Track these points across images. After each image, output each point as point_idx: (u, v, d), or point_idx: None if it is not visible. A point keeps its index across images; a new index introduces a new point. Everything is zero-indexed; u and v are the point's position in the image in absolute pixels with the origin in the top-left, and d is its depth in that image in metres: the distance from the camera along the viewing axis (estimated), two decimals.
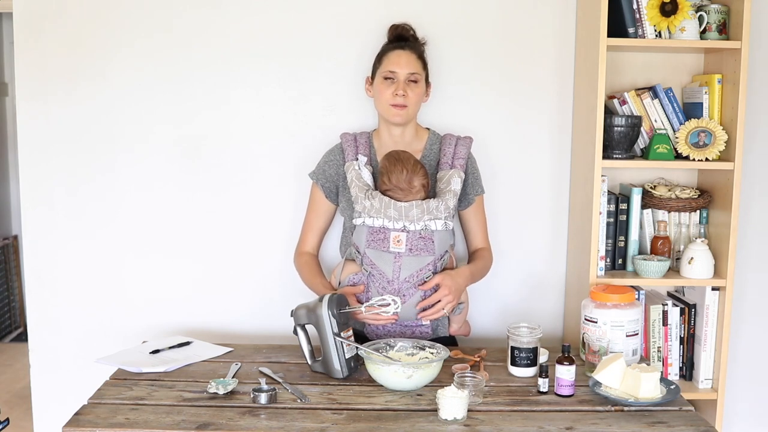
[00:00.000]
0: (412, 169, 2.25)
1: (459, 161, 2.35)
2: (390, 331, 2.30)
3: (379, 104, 2.38)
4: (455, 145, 2.38)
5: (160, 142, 2.65)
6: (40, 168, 2.66)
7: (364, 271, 2.29)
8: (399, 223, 2.24)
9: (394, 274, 2.26)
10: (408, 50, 2.36)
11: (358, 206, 2.28)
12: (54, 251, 2.70)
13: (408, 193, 2.25)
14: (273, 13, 2.60)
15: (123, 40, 2.61)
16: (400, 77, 2.33)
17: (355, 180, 2.30)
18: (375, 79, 2.39)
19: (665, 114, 2.52)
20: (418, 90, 2.36)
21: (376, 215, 2.25)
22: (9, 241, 5.44)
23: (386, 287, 2.26)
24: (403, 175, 2.24)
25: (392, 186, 2.26)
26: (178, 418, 1.82)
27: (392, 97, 2.32)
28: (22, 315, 5.41)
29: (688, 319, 2.55)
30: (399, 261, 2.26)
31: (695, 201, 2.55)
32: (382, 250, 2.26)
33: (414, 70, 2.34)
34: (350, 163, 2.34)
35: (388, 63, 2.35)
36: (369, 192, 2.27)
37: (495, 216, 2.65)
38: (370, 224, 2.26)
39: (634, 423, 1.83)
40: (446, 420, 1.82)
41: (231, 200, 2.69)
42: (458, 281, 2.28)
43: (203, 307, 2.72)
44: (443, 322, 2.37)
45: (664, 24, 2.39)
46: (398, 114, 2.33)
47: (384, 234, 2.25)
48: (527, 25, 2.62)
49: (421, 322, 2.30)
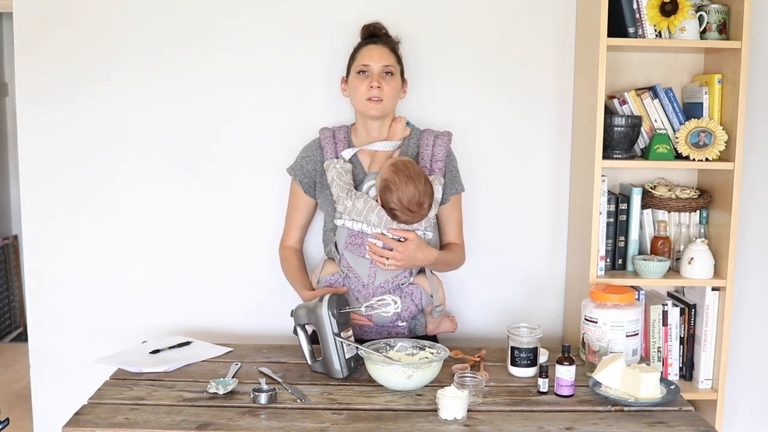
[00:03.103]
0: (423, 191, 2.20)
1: (437, 164, 2.33)
2: (366, 332, 2.31)
3: (354, 100, 2.35)
4: (433, 145, 2.34)
5: (159, 142, 2.65)
6: (40, 168, 2.66)
7: (341, 272, 2.29)
8: (378, 230, 2.23)
9: (369, 279, 2.27)
10: (381, 44, 2.35)
11: (340, 206, 2.27)
12: (54, 251, 2.70)
13: (416, 216, 2.21)
14: (273, 16, 2.60)
15: (123, 40, 2.61)
16: (374, 70, 2.30)
17: (336, 179, 2.28)
18: (349, 77, 2.37)
19: (665, 114, 2.52)
20: (393, 83, 2.32)
21: (357, 218, 2.24)
22: (9, 241, 5.45)
23: (361, 291, 2.27)
24: (415, 197, 2.18)
25: (402, 208, 2.19)
26: (178, 418, 1.82)
27: (368, 90, 2.29)
28: (22, 315, 5.41)
29: (688, 319, 2.55)
30: (374, 267, 2.26)
31: (695, 201, 2.55)
32: (359, 255, 2.26)
33: (388, 63, 2.31)
34: (330, 161, 2.32)
35: (362, 57, 2.33)
36: (351, 192, 2.26)
37: (495, 216, 2.66)
38: (349, 227, 2.26)
39: (634, 423, 1.83)
40: (446, 420, 1.82)
41: (231, 200, 2.69)
42: (417, 255, 2.23)
43: (203, 307, 2.72)
44: (420, 321, 2.37)
45: (664, 24, 2.39)
46: (374, 107, 2.30)
47: (362, 239, 2.25)
48: (527, 25, 2.62)
49: (396, 323, 2.30)
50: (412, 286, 2.31)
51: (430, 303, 2.33)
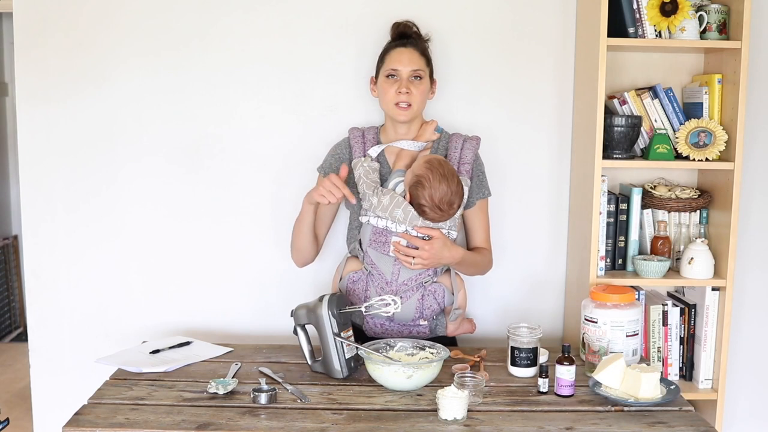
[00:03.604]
0: (455, 191, 2.20)
1: (465, 167, 2.33)
2: (388, 330, 2.30)
3: (384, 103, 2.35)
4: (461, 148, 2.35)
5: (160, 142, 2.65)
6: (40, 168, 2.66)
7: (364, 269, 2.29)
8: (401, 227, 2.23)
9: (392, 276, 2.26)
10: (410, 47, 2.34)
11: (365, 203, 2.27)
12: (54, 251, 2.70)
13: (444, 215, 2.22)
14: (273, 15, 2.60)
15: (123, 40, 2.61)
16: (402, 75, 2.30)
17: (363, 176, 2.28)
18: (378, 78, 2.37)
19: (665, 114, 2.52)
20: (423, 87, 2.33)
21: (382, 214, 2.23)
22: (9, 241, 5.45)
23: (384, 288, 2.27)
24: (447, 196, 2.18)
25: (432, 205, 2.19)
26: (178, 418, 1.82)
27: (396, 96, 2.29)
28: (22, 315, 5.41)
29: (688, 319, 2.55)
30: (398, 265, 2.26)
31: (695, 201, 2.55)
32: (383, 253, 2.26)
33: (417, 67, 2.31)
34: (358, 160, 2.33)
35: (391, 61, 2.33)
36: (377, 189, 2.26)
37: (495, 216, 2.65)
38: (374, 224, 2.26)
39: (634, 423, 1.83)
40: (446, 420, 1.82)
41: (231, 200, 2.68)
42: (443, 253, 2.22)
43: (203, 307, 2.72)
44: (441, 322, 2.37)
45: (664, 24, 2.39)
46: (403, 113, 2.30)
47: (386, 237, 2.25)
48: (527, 25, 2.62)
49: (418, 322, 2.30)
50: (435, 285, 2.30)
51: (452, 302, 2.34)
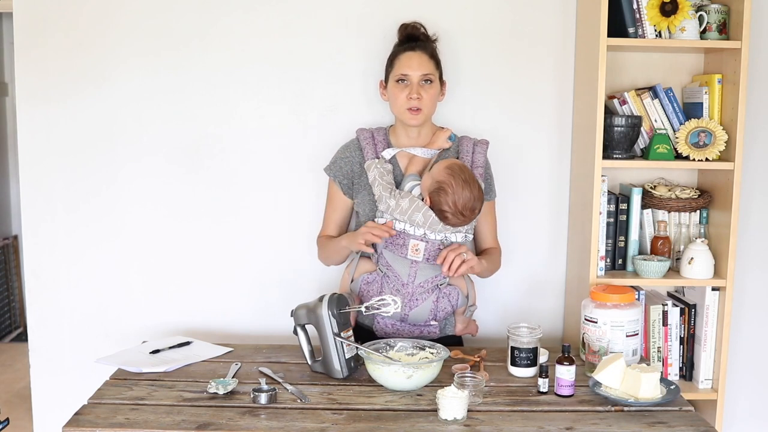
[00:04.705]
0: (477, 196, 2.20)
1: (478, 170, 2.34)
2: (399, 330, 2.30)
3: (394, 108, 2.34)
4: (473, 152, 2.36)
5: (160, 143, 2.65)
6: (40, 168, 2.66)
7: (379, 270, 2.29)
8: (420, 231, 2.22)
9: (409, 278, 2.26)
10: (419, 51, 2.33)
11: (382, 205, 2.26)
12: (54, 251, 2.70)
13: (466, 220, 2.22)
14: (273, 14, 2.60)
15: (123, 40, 2.60)
16: (413, 80, 2.29)
17: (379, 178, 2.27)
18: (388, 83, 2.36)
19: (665, 114, 2.52)
20: (433, 91, 2.32)
21: (400, 217, 2.23)
22: (9, 241, 5.45)
23: (400, 290, 2.26)
24: (470, 202, 2.18)
25: (455, 211, 2.19)
26: (178, 418, 1.82)
27: (407, 101, 2.28)
28: (22, 315, 5.41)
29: (688, 319, 2.55)
30: (415, 267, 2.26)
31: (695, 201, 2.55)
32: (399, 255, 2.26)
33: (427, 71, 2.30)
34: (371, 162, 2.32)
35: (400, 66, 2.31)
36: (394, 191, 2.25)
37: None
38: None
39: (634, 423, 1.83)
40: (446, 420, 1.82)
41: (231, 201, 2.68)
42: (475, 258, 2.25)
43: (203, 307, 2.72)
44: (450, 321, 2.37)
45: (664, 24, 2.39)
46: (414, 118, 2.30)
47: (403, 240, 2.24)
48: (527, 25, 2.62)
49: (430, 323, 2.30)
50: (449, 287, 2.30)
51: (464, 304, 2.34)
